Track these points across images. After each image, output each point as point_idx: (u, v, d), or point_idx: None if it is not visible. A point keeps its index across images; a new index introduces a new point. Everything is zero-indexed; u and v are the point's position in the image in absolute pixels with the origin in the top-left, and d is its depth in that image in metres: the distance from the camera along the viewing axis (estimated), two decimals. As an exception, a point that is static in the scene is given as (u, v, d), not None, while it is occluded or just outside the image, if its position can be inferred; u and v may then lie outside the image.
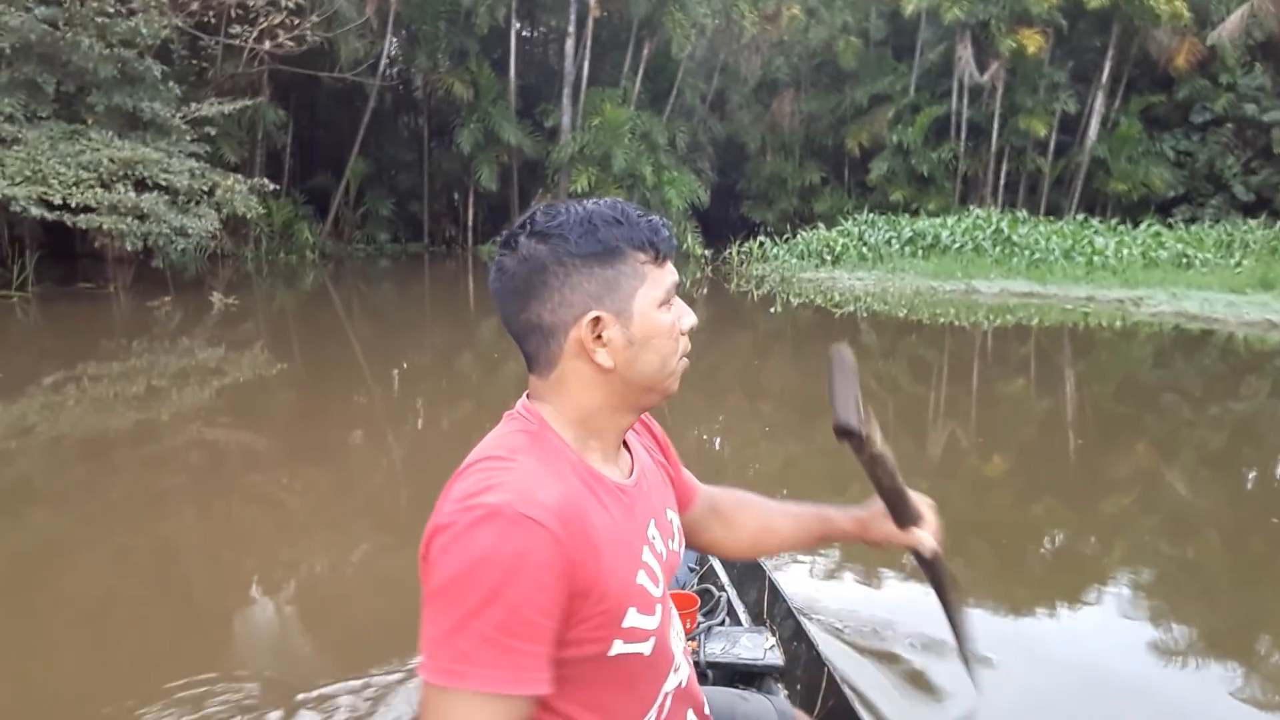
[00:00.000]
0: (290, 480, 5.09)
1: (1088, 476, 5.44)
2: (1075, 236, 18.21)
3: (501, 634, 0.92)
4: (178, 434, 5.90)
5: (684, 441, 5.65)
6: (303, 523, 4.37)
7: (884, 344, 10.93)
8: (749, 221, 27.55)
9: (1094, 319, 12.50)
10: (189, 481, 4.92)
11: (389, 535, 4.11)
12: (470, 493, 0.97)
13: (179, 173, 12.29)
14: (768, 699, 1.57)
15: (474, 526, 0.94)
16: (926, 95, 25.47)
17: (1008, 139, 24.74)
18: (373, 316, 13.33)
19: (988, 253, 18.21)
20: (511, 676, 0.93)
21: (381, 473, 5.29)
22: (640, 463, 1.21)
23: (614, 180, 22.01)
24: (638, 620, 1.07)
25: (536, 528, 0.94)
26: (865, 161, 25.91)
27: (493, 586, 0.92)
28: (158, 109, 13.11)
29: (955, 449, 6.14)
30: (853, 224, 21.48)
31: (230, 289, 16.43)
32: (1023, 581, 3.83)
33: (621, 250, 1.07)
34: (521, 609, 0.93)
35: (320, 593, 3.56)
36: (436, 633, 0.94)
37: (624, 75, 23.97)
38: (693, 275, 20.00)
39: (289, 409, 6.92)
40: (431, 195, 25.81)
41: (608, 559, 1.02)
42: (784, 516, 1.47)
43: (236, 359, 8.54)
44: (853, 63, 25.85)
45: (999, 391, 8.33)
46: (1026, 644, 3.10)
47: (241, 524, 4.31)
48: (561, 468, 1.05)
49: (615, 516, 1.08)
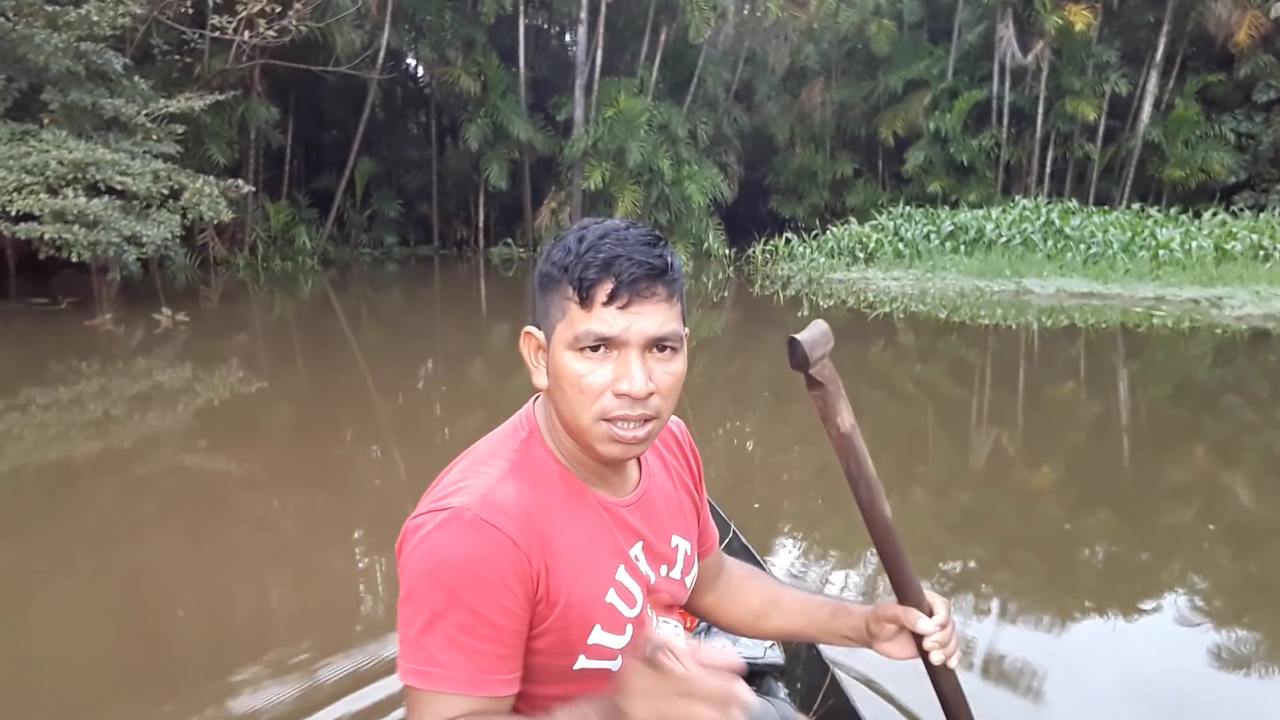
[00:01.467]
0: (268, 512, 4.63)
1: (1150, 488, 5.11)
2: (1135, 228, 16.50)
3: (463, 634, 0.96)
4: (86, 482, 4.93)
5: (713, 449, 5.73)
6: (285, 550, 4.05)
7: (940, 353, 9.48)
8: (778, 217, 26.52)
9: (1167, 323, 10.92)
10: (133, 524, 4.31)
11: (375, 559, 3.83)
12: (440, 495, 1.02)
13: (139, 175, 11.09)
14: (769, 701, 1.59)
15: (437, 529, 0.98)
16: (965, 79, 24.16)
17: (1053, 124, 23.24)
18: (372, 329, 12.10)
19: (1038, 247, 16.55)
20: (473, 677, 0.96)
21: (368, 499, 4.80)
22: (650, 484, 1.21)
23: (629, 176, 20.62)
24: (603, 638, 1.08)
25: (494, 532, 0.97)
26: (900, 151, 24.58)
27: (452, 588, 0.95)
28: (120, 106, 11.93)
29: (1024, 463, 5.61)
30: (887, 218, 19.87)
31: (226, 299, 15.60)
32: (1073, 594, 3.56)
33: (556, 279, 1.04)
34: (480, 610, 0.96)
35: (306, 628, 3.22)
36: (408, 634, 0.98)
37: (640, 64, 22.57)
38: (714, 276, 18.61)
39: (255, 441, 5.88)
40: (441, 195, 24.59)
41: (571, 572, 1.04)
42: (795, 598, 1.43)
43: (187, 384, 7.32)
44: (886, 47, 24.60)
45: (1063, 402, 6.92)
46: (1076, 662, 2.97)
47: (212, 559, 3.92)
48: (540, 476, 1.07)
49: (590, 532, 1.09)
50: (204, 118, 16.74)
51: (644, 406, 1.03)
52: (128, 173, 10.98)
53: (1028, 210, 18.38)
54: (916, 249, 17.82)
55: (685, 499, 1.29)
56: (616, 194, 20.42)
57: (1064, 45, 22.32)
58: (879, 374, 8.75)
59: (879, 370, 8.96)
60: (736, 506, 3.81)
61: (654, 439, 1.09)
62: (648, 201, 21.09)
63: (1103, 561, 3.93)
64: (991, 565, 3.86)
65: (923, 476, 5.20)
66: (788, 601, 1.42)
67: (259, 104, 18.01)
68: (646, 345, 1.02)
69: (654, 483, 1.21)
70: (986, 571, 3.78)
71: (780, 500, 4.86)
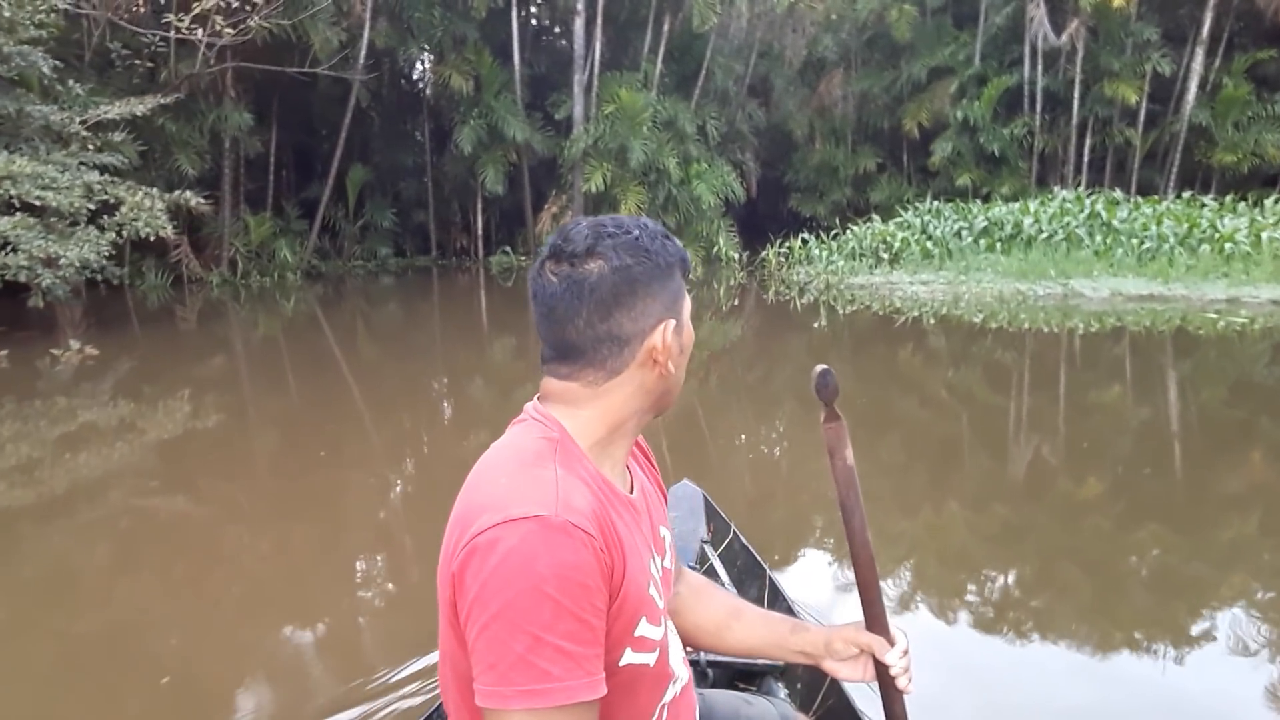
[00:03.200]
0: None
1: (1207, 499, 4.65)
2: (1190, 219, 14.76)
3: (573, 644, 0.94)
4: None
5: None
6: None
7: (979, 358, 7.97)
8: (799, 216, 25.24)
9: (1249, 328, 9.31)
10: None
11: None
12: (507, 503, 0.98)
13: (65, 189, 9.80)
14: (769, 701, 1.62)
15: (526, 540, 0.94)
16: (994, 64, 22.82)
17: (1091, 109, 21.67)
18: (354, 350, 10.71)
19: (1084, 243, 14.87)
20: (589, 683, 0.96)
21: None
22: (638, 479, 1.26)
23: (632, 176, 19.16)
24: (647, 630, 1.09)
25: (583, 535, 0.96)
26: (926, 143, 23.19)
27: (557, 599, 0.93)
28: (50, 113, 10.66)
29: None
30: (914, 214, 18.23)
31: (204, 318, 14.38)
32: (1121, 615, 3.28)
33: (670, 267, 1.13)
34: (583, 616, 0.95)
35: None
36: (509, 656, 0.94)
37: (644, 57, 21.12)
38: (724, 282, 17.12)
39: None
40: (438, 203, 23.26)
41: (630, 567, 1.05)
42: (755, 613, 1.48)
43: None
44: (908, 34, 23.31)
45: (1144, 425, 5.40)
46: (1124, 687, 2.77)
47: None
48: (584, 475, 1.07)
49: (629, 526, 1.11)
50: (169, 126, 15.57)
51: None
52: (51, 186, 9.68)
53: (1069, 202, 16.71)
54: (946, 248, 16.21)
55: (655, 490, 1.33)
56: (620, 196, 18.97)
57: (1101, 24, 20.82)
58: (910, 379, 8.17)
59: (910, 376, 8.31)
60: (757, 524, 3.74)
61: None
62: (654, 203, 19.62)
63: (1154, 578, 3.68)
64: (1033, 583, 3.65)
65: (959, 486, 4.94)
66: (748, 615, 1.46)
67: (232, 109, 16.73)
68: None
69: (639, 478, 1.26)
70: (1027, 590, 3.58)
71: (802, 516, 4.60)
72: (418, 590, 3.54)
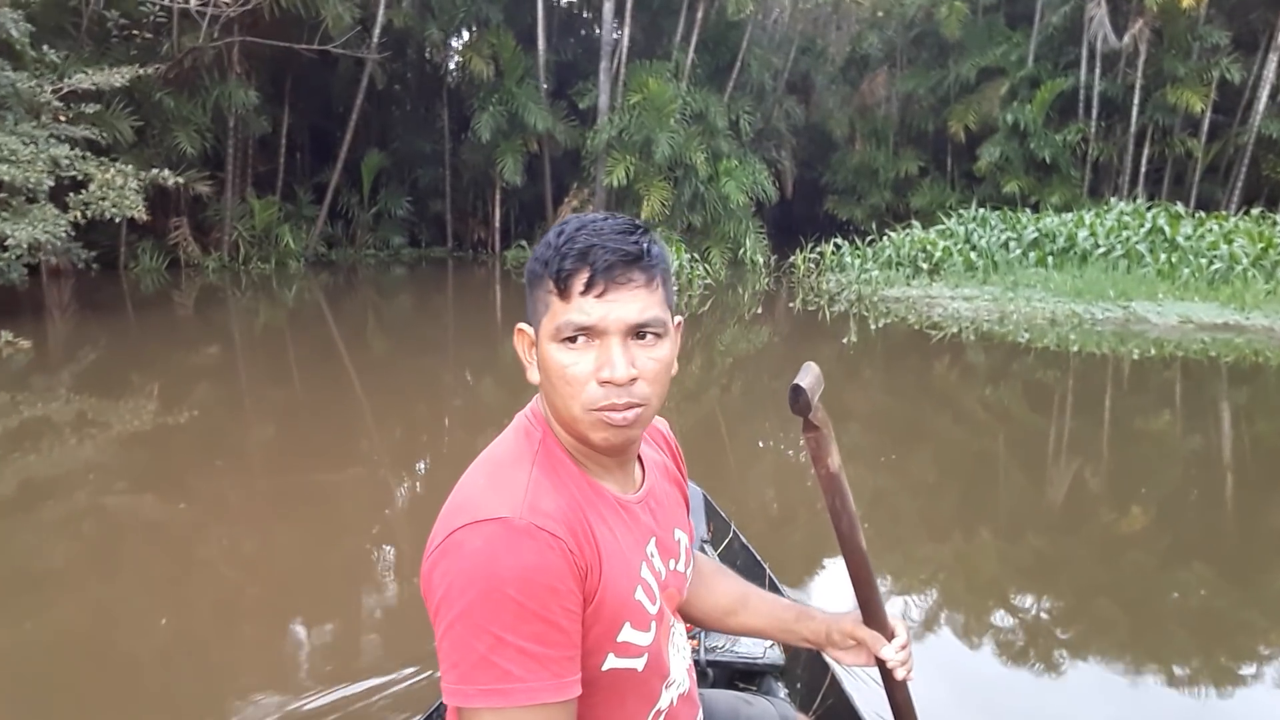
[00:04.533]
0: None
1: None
2: (1265, 238, 13.42)
3: (538, 645, 0.93)
4: None
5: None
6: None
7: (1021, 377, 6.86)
8: (836, 220, 24.13)
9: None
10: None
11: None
12: (474, 506, 0.98)
13: (25, 163, 8.92)
14: (769, 701, 1.59)
15: (488, 542, 0.94)
16: (1048, 66, 21.56)
17: (1151, 116, 20.32)
18: (341, 348, 9.78)
19: (1145, 261, 13.58)
20: (555, 685, 0.94)
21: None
22: (653, 480, 1.21)
23: (657, 171, 18.04)
24: (632, 635, 1.07)
25: (549, 537, 0.95)
26: (972, 148, 21.96)
27: (519, 600, 0.92)
28: (19, 80, 9.79)
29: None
30: (957, 221, 16.97)
31: (201, 305, 13.63)
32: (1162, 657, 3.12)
33: (539, 274, 1.05)
34: (550, 618, 0.94)
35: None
36: (471, 656, 0.93)
37: (676, 46, 20.00)
38: (750, 287, 16.00)
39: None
40: (456, 193, 22.31)
41: (609, 570, 1.02)
42: (761, 598, 1.46)
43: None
44: (958, 32, 22.15)
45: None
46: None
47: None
48: (564, 476, 1.05)
49: (614, 530, 1.07)
50: (166, 101, 14.73)
51: (629, 394, 1.02)
52: (9, 159, 8.81)
53: (1126, 215, 15.41)
54: (992, 259, 14.96)
55: (676, 493, 1.30)
56: (642, 191, 17.88)
57: (1166, 25, 19.49)
58: (945, 396, 7.61)
59: (945, 393, 7.71)
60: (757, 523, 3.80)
61: (646, 425, 1.08)
62: (679, 200, 18.51)
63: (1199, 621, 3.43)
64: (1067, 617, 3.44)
65: (992, 512, 4.70)
66: (755, 601, 1.45)
67: (237, 87, 15.85)
68: (627, 332, 1.02)
69: (655, 479, 1.22)
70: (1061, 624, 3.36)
71: (802, 516, 4.45)
72: (417, 590, 3.11)
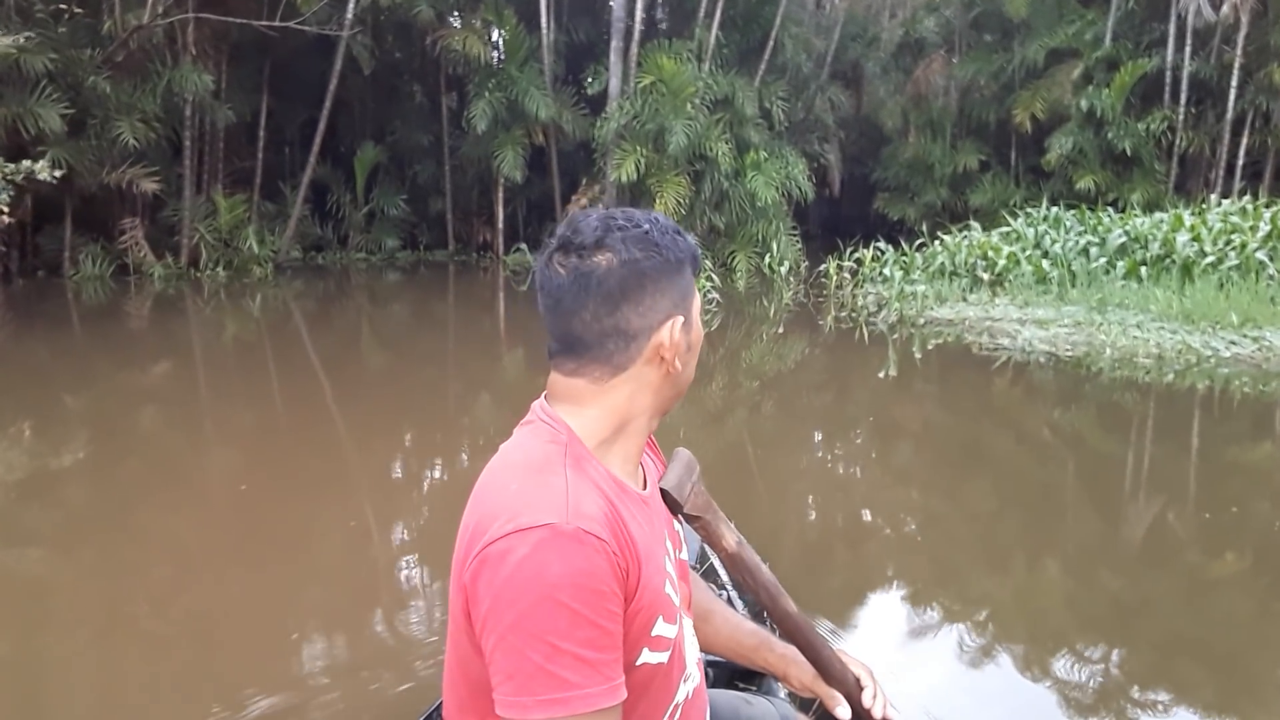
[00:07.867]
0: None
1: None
2: None
3: (592, 650, 0.94)
4: None
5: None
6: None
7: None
8: (886, 220, 21.70)
9: None
10: None
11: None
12: (517, 511, 0.97)
13: None
14: (770, 701, 1.59)
15: (538, 549, 0.93)
16: (1128, 46, 18.92)
17: (1252, 100, 17.71)
18: (301, 378, 7.94)
19: (1270, 272, 10.85)
20: (609, 689, 0.95)
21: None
22: (651, 475, 1.24)
23: (672, 164, 15.65)
24: (663, 629, 1.08)
25: (596, 541, 0.95)
26: (1039, 139, 19.44)
27: (573, 607, 0.92)
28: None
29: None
30: (1025, 222, 14.33)
31: (137, 319, 11.97)
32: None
33: (677, 260, 1.10)
34: (600, 623, 0.94)
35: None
36: (527, 666, 0.93)
37: (699, 23, 17.63)
38: (776, 300, 13.57)
39: None
40: (458, 190, 20.23)
41: (645, 568, 1.03)
42: (725, 617, 1.45)
43: None
44: (1024, 10, 19.89)
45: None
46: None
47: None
48: (595, 477, 1.05)
49: (642, 526, 1.08)
50: (100, 86, 12.80)
51: None
52: None
53: (1234, 215, 12.69)
54: (1069, 269, 12.33)
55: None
56: (655, 188, 15.52)
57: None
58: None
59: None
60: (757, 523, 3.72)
61: None
62: (698, 198, 16.12)
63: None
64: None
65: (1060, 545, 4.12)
66: (718, 618, 1.44)
67: (190, 70, 13.89)
68: None
69: (652, 475, 1.24)
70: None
71: (803, 517, 4.40)
72: (416, 589, 3.61)
